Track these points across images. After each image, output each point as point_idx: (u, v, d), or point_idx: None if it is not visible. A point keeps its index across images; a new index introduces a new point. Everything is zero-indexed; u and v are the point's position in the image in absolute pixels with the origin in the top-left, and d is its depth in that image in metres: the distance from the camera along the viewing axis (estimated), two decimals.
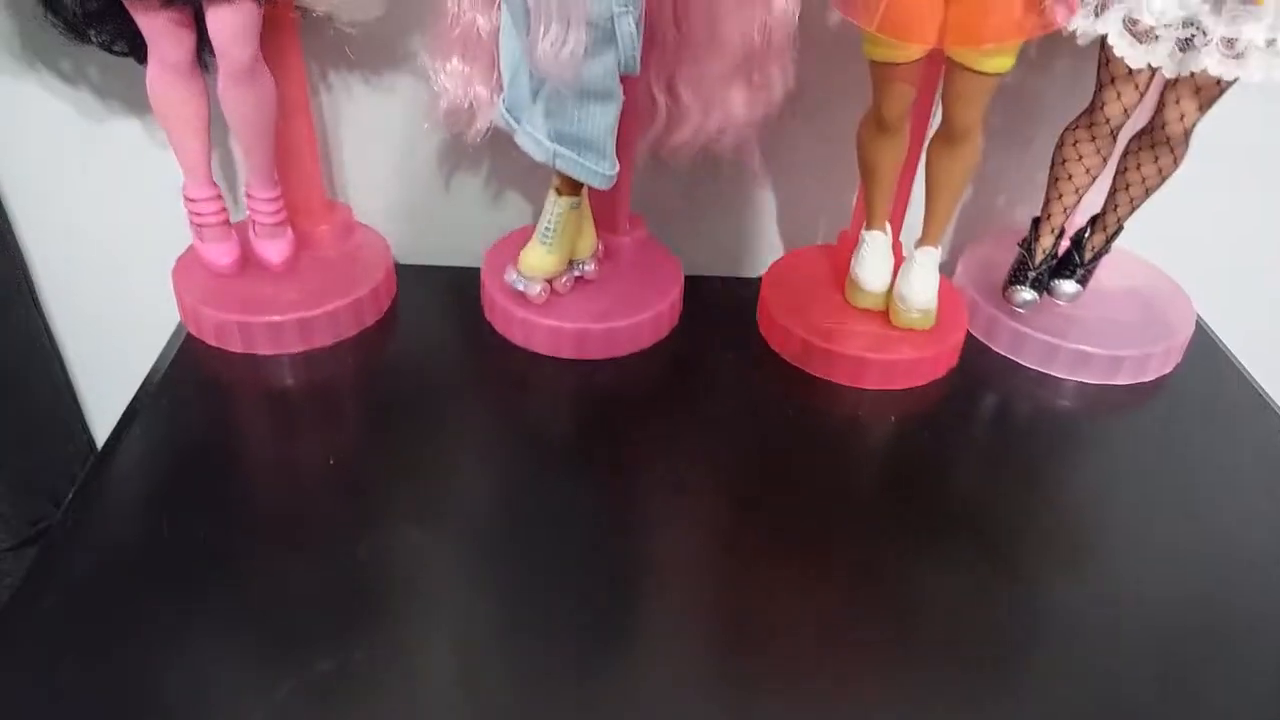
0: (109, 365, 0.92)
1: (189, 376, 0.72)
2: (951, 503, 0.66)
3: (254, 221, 0.76)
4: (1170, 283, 0.83)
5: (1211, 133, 0.68)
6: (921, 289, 0.72)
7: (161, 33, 0.64)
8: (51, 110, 0.80)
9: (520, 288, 0.74)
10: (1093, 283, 0.79)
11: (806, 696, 0.53)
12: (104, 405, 0.98)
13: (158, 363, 0.73)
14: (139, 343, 0.76)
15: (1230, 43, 0.59)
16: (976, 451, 0.72)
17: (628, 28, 0.61)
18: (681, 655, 0.55)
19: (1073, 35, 0.64)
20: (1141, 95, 0.66)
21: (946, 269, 0.84)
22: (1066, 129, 0.70)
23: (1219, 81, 0.62)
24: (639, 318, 0.75)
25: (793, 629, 0.57)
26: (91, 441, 0.99)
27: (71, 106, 0.80)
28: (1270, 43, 0.59)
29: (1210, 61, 0.60)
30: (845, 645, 0.56)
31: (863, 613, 0.58)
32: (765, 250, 0.85)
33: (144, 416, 0.68)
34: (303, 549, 0.59)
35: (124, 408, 0.69)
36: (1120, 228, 0.74)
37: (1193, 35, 0.60)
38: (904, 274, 0.74)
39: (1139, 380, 0.76)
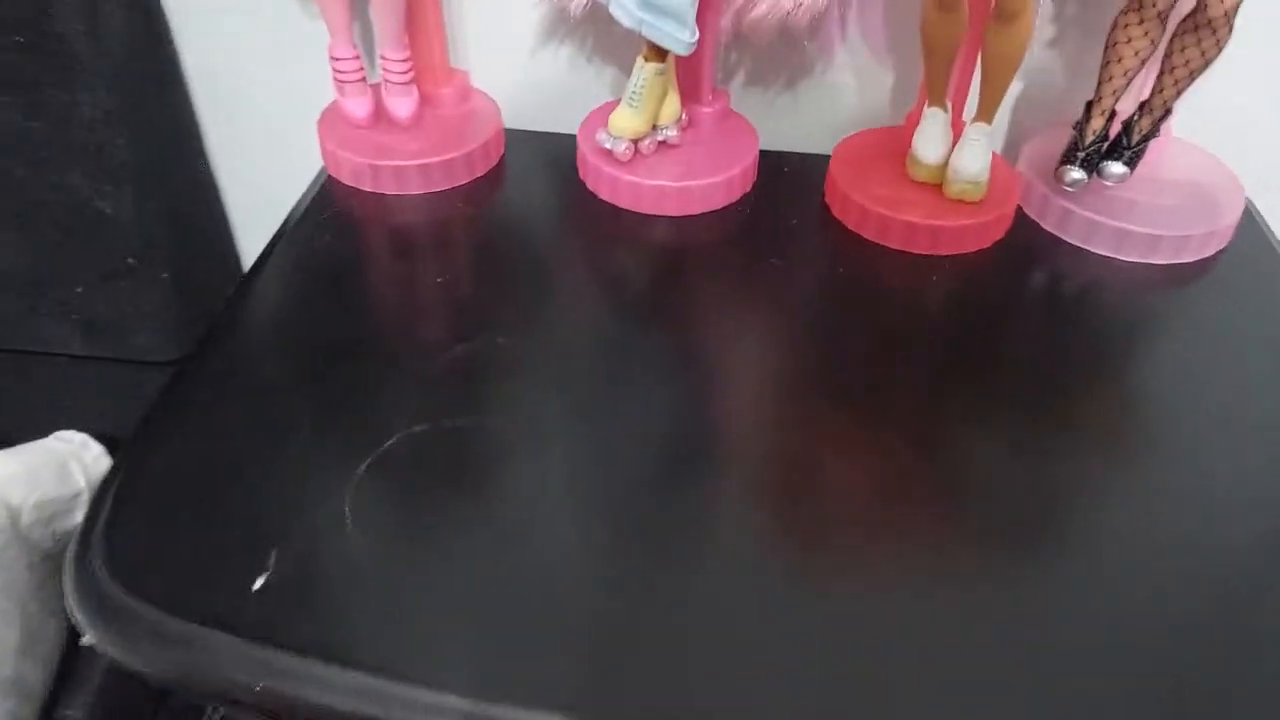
0: (261, 200, 1.06)
1: (327, 210, 0.85)
2: (998, 370, 0.72)
3: (386, 81, 0.87)
4: (1226, 172, 0.86)
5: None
6: (971, 162, 0.79)
7: None
8: None
9: (608, 146, 0.84)
10: (1147, 169, 0.83)
11: (858, 559, 0.57)
12: (256, 236, 1.14)
13: (302, 198, 0.86)
14: (288, 181, 0.89)
15: None
16: (1016, 319, 0.78)
17: None
18: (739, 503, 0.60)
19: None
20: None
21: (1015, 155, 0.90)
22: (1119, 13, 0.74)
23: None
24: (714, 179, 0.84)
25: (848, 490, 0.61)
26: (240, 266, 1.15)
27: None
28: None
29: None
30: (897, 511, 0.60)
31: (914, 481, 0.62)
32: (840, 129, 0.92)
33: (287, 242, 0.81)
34: (420, 339, 0.71)
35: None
36: (1168, 110, 0.78)
37: None
38: (958, 148, 0.80)
39: (1176, 260, 0.81)
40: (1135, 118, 0.79)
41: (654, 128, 0.85)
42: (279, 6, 0.94)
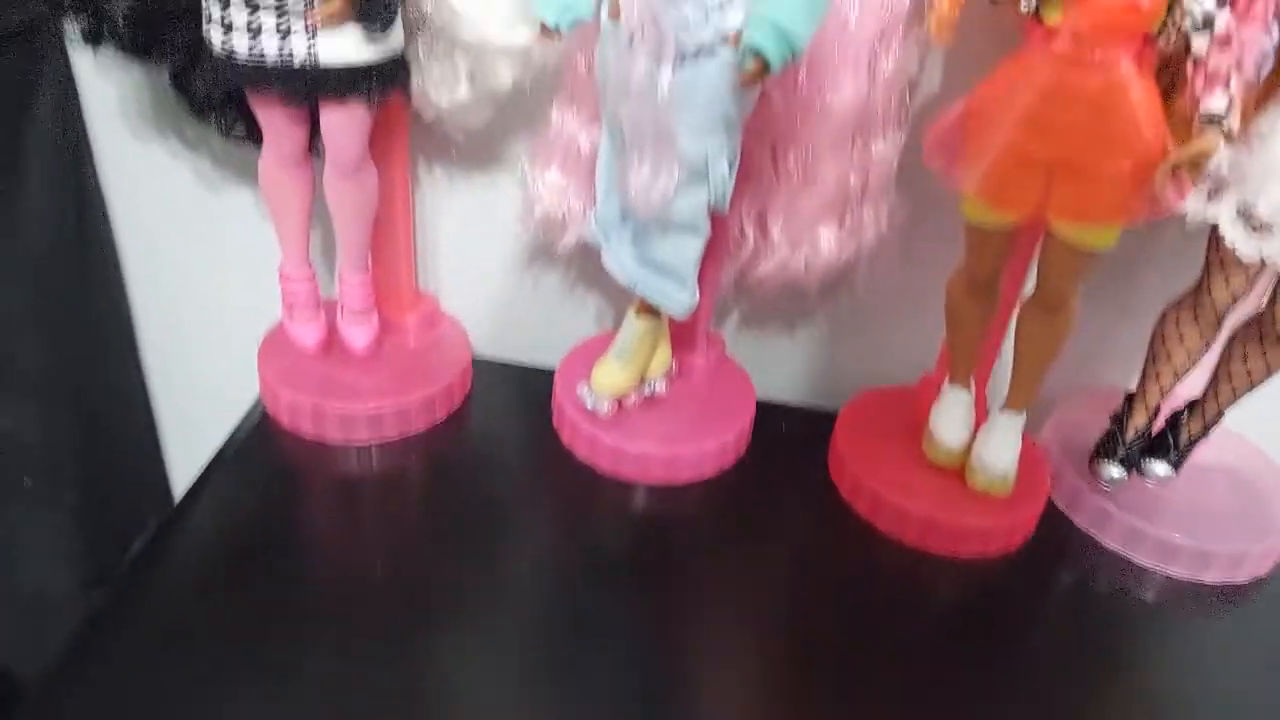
0: (196, 425, 0.95)
1: (260, 454, 0.73)
2: (1014, 687, 0.62)
3: (342, 305, 0.78)
4: (1274, 469, 0.78)
5: None
6: (1000, 455, 0.69)
7: (277, 126, 0.67)
8: (171, 173, 0.84)
9: (589, 404, 0.73)
10: (1191, 460, 0.74)
11: None
12: (188, 463, 1.01)
13: (232, 435, 0.75)
14: (225, 408, 0.78)
15: None
16: (1044, 635, 0.68)
17: (721, 169, 0.61)
18: None
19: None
20: (1252, 283, 0.62)
21: (1034, 424, 0.81)
22: (1169, 307, 0.67)
23: None
24: (704, 445, 0.74)
25: None
26: (170, 497, 1.02)
27: (190, 172, 0.84)
28: None
29: None
30: None
31: None
32: (844, 380, 0.83)
33: (211, 489, 0.70)
34: (344, 646, 0.59)
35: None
36: (1221, 415, 0.70)
37: None
38: (984, 436, 0.71)
39: (1230, 580, 0.71)
40: (1184, 418, 0.71)
41: (641, 380, 0.75)
42: (233, 209, 0.85)
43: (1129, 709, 0.63)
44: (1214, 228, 0.62)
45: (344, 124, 0.66)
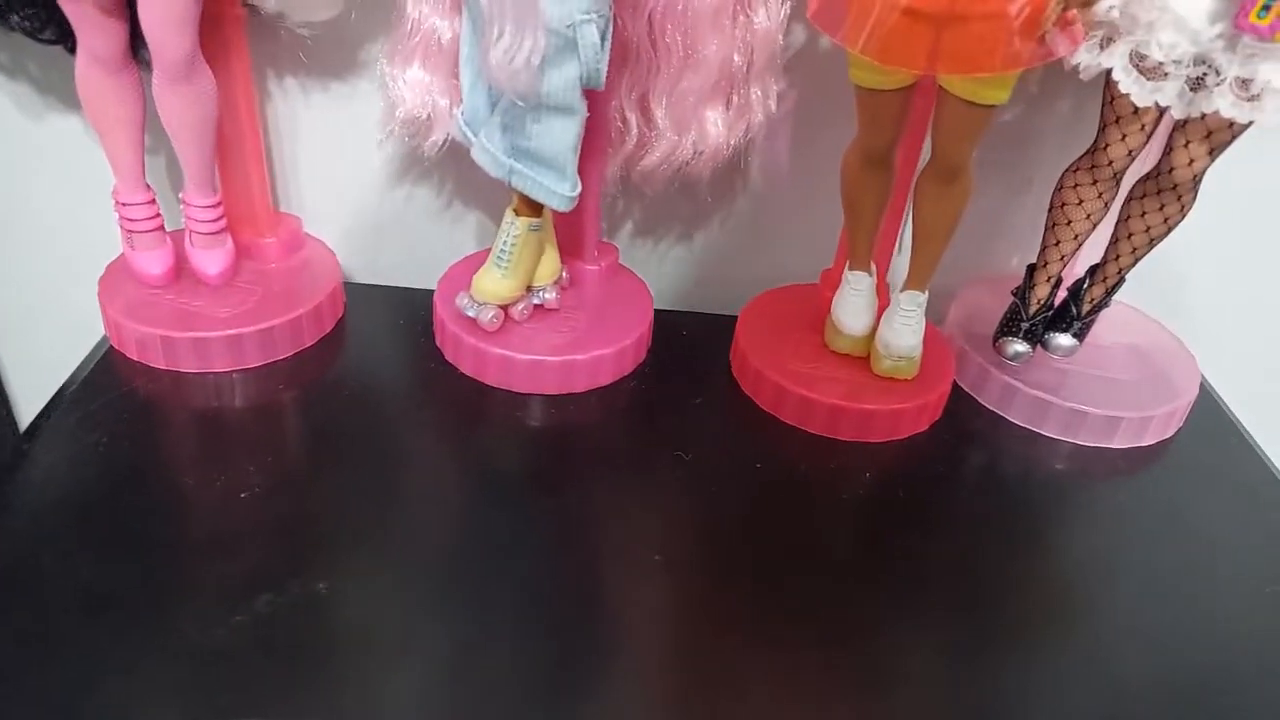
0: (41, 369, 0.86)
1: (106, 391, 0.66)
2: (929, 567, 0.60)
3: (190, 230, 0.70)
4: (1174, 341, 0.77)
5: (1221, 178, 0.63)
6: (904, 335, 0.67)
7: (88, 21, 0.59)
8: None
9: (471, 313, 0.68)
10: (1091, 338, 0.73)
11: None
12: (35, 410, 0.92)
13: (75, 373, 0.67)
14: (69, 348, 0.70)
15: (1245, 84, 0.54)
16: (958, 513, 0.66)
17: (591, 37, 0.56)
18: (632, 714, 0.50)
19: (1076, 69, 0.59)
20: (1148, 136, 0.61)
21: (937, 315, 0.79)
22: (1066, 170, 0.65)
23: (1232, 125, 0.57)
24: (600, 352, 0.69)
25: (755, 695, 0.51)
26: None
27: (9, 100, 0.75)
28: None
29: (1223, 103, 0.55)
30: (811, 713, 0.51)
31: (831, 679, 0.52)
32: (743, 287, 0.79)
33: (51, 430, 0.63)
34: (209, 587, 0.53)
35: None
36: (1121, 279, 0.68)
37: (1204, 74, 0.55)
38: (887, 319, 0.68)
39: (1136, 444, 0.70)
40: (1085, 285, 0.70)
41: (529, 289, 0.70)
42: (60, 136, 0.76)
43: (1047, 573, 0.61)
44: (1107, 84, 0.60)
45: (164, 13, 0.58)
